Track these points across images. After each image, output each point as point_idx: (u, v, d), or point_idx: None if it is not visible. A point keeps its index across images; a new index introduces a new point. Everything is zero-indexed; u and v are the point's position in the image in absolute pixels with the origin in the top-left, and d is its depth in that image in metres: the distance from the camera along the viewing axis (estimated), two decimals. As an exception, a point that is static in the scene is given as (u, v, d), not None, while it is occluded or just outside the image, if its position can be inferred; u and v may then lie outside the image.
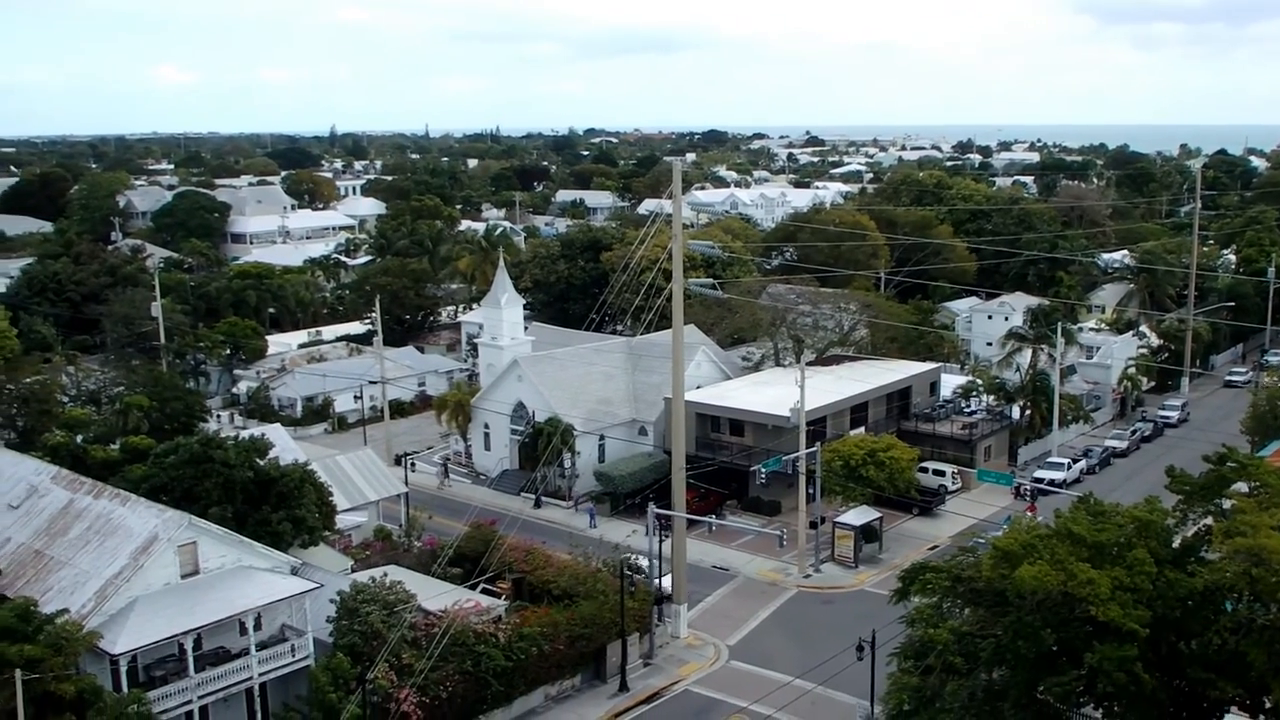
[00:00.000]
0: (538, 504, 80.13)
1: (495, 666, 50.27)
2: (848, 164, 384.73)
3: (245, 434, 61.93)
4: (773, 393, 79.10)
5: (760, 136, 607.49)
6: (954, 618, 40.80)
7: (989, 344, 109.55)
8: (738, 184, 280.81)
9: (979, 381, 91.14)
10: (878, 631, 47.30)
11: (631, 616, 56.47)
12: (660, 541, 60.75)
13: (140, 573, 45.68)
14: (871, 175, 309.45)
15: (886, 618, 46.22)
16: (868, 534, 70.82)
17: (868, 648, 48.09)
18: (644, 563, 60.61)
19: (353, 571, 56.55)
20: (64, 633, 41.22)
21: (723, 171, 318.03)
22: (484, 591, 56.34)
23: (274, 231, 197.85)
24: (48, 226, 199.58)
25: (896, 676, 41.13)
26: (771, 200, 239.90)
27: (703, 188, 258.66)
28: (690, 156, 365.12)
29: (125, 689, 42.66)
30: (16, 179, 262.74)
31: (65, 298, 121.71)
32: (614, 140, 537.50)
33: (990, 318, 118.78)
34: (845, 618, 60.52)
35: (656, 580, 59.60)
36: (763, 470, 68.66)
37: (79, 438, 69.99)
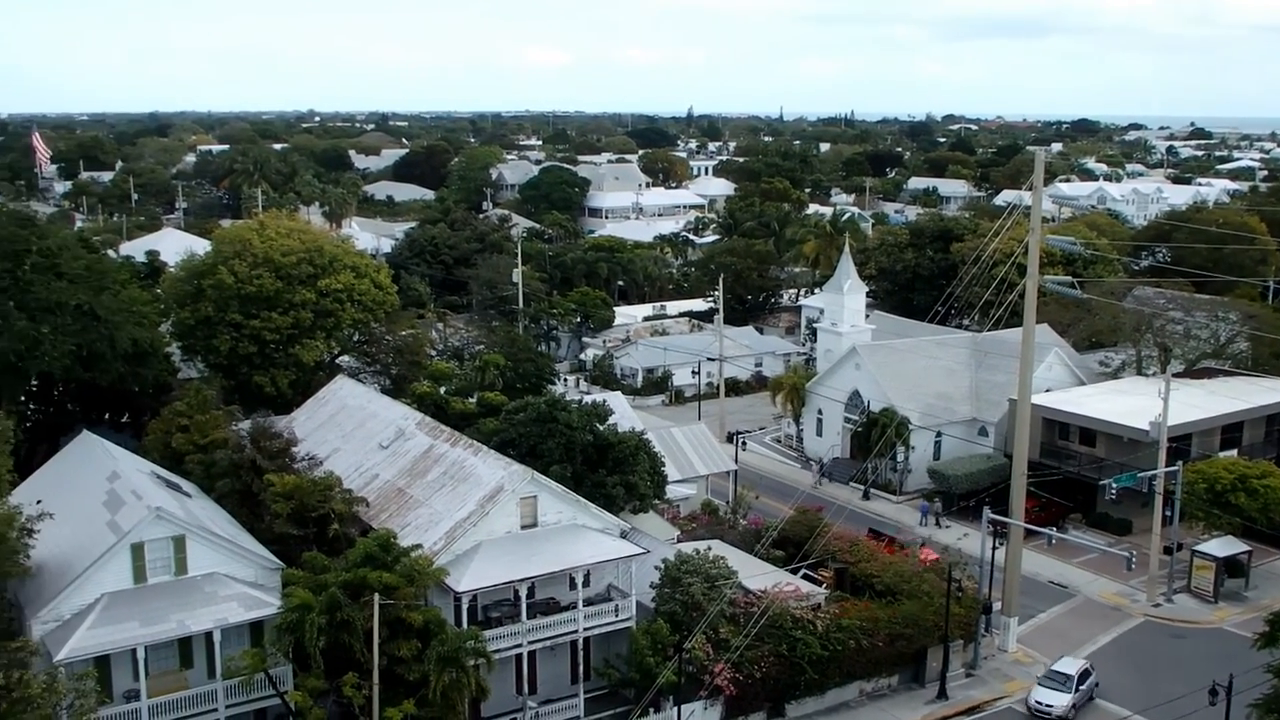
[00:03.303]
0: (866, 495, 78.84)
1: (811, 654, 49.88)
2: (1237, 159, 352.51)
3: (588, 399, 64.50)
4: (1131, 403, 73.66)
5: (1136, 127, 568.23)
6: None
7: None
8: (1107, 177, 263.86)
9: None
10: (1236, 677, 43.06)
11: (956, 623, 54.47)
12: (994, 549, 58.27)
13: (485, 519, 48.58)
14: (1266, 172, 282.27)
15: (1248, 663, 41.99)
16: (1232, 567, 64.63)
17: (1223, 692, 43.86)
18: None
19: (678, 541, 57.79)
20: (417, 566, 44.50)
21: (1091, 164, 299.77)
22: (805, 577, 55.99)
23: (628, 207, 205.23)
24: (429, 194, 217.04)
25: (1256, 729, 37.27)
26: (1145, 196, 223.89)
27: (1067, 180, 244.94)
28: (1055, 146, 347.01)
29: (465, 625, 45.58)
30: (407, 150, 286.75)
31: (440, 260, 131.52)
32: (973, 127, 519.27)
33: None
34: (1198, 656, 55.68)
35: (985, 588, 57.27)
36: (1114, 485, 64.14)
37: (442, 389, 75.32)
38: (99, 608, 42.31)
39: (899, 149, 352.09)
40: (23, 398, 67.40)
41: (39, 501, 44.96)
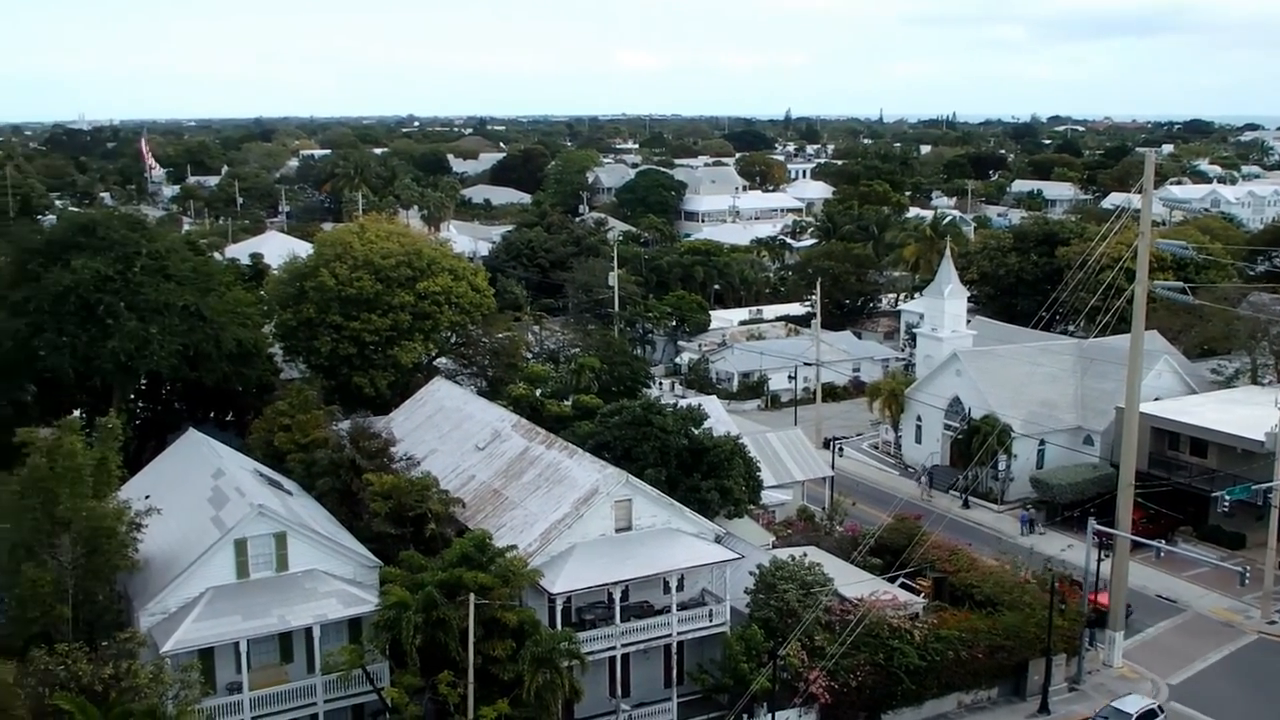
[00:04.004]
0: (966, 504, 77.38)
1: (908, 664, 49.12)
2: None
3: (683, 403, 64.25)
4: (1245, 413, 71.04)
5: (1253, 128, 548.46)
6: None
7: None
8: (1221, 180, 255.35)
9: None
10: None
11: (1059, 635, 53.10)
12: (1099, 561, 56.68)
13: (580, 521, 48.62)
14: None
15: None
16: (1350, 583, 62.03)
17: (1342, 712, 42.06)
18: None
19: (773, 547, 57.33)
20: (512, 567, 44.72)
21: (1204, 165, 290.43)
22: (903, 586, 55.16)
23: (724, 211, 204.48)
24: (526, 198, 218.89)
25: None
26: (1261, 199, 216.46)
27: (1179, 182, 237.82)
28: (1166, 148, 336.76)
29: (559, 626, 45.67)
30: (504, 154, 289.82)
31: (536, 263, 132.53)
32: (1080, 129, 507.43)
33: None
34: (1314, 675, 53.47)
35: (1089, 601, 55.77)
36: (1227, 497, 61.84)
37: (538, 391, 75.67)
38: (203, 601, 43.31)
39: (1002, 151, 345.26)
40: (132, 396, 69.39)
41: (147, 497, 46.23)
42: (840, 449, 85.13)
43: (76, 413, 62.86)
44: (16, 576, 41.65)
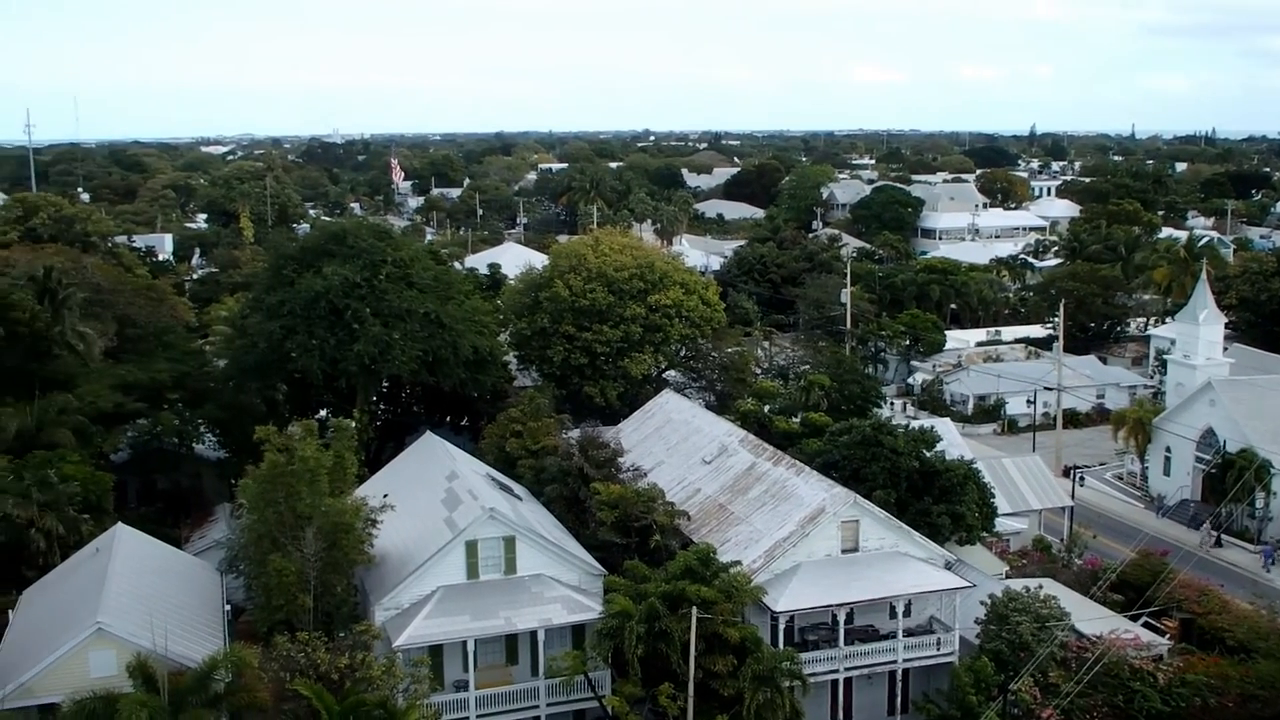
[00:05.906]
0: (1218, 542, 72.22)
1: (1150, 707, 46.43)
2: None
3: (915, 424, 62.64)
4: None
5: None
6: None
7: None
8: None
9: None
10: None
11: (1325, 690, 48.75)
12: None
13: (805, 540, 47.98)
14: None
15: None
16: None
17: None
18: None
19: (1006, 577, 55.18)
20: (735, 582, 44.53)
21: None
22: (1146, 625, 52.05)
23: (963, 229, 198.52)
24: (759, 213, 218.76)
25: None
26: None
27: None
28: None
29: (781, 645, 45.11)
30: (738, 169, 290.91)
31: (767, 278, 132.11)
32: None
33: None
34: None
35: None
36: None
37: (766, 407, 75.29)
38: (435, 599, 44.91)
39: (1266, 169, 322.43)
40: (374, 398, 72.82)
41: (385, 495, 48.29)
42: (1081, 478, 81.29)
43: (323, 412, 66.42)
44: (264, 566, 44.14)
